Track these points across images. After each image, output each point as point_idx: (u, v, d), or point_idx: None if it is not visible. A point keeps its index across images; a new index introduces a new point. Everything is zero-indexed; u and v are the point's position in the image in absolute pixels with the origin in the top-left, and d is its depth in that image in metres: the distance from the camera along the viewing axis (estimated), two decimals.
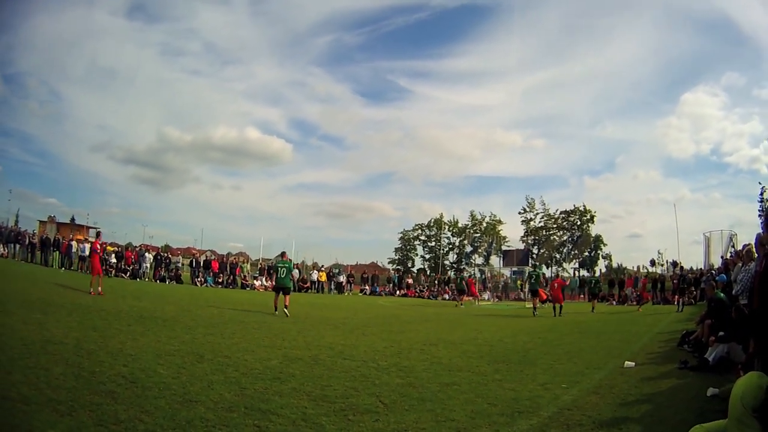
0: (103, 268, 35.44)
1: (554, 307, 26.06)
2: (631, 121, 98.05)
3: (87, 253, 35.57)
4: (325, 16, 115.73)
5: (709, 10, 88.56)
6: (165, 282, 36.81)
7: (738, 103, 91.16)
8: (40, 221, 52.58)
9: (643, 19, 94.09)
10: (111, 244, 43.84)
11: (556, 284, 27.89)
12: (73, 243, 36.89)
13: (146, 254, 39.13)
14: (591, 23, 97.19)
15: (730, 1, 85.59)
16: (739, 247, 24.83)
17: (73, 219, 60.12)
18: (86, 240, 39.46)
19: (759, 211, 38.20)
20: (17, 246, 37.75)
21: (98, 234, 20.65)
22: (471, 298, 38.24)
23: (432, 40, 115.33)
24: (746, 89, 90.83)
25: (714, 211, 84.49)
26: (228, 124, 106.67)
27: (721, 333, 10.50)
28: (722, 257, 32.67)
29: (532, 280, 28.33)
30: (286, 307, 18.75)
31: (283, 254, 21.57)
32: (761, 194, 38.48)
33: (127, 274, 36.13)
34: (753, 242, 9.78)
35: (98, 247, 21.78)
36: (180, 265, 41.93)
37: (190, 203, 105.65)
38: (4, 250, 36.91)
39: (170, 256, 42.88)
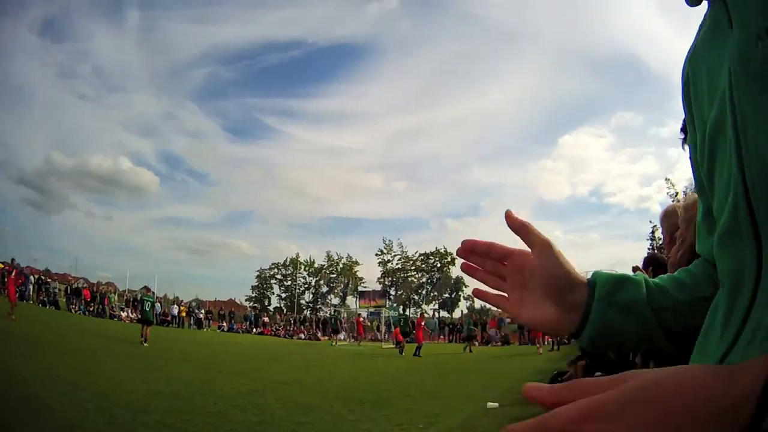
0: None
1: (417, 347, 26.44)
2: (502, 164, 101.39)
3: None
4: (204, 48, 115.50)
5: (613, 51, 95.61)
6: (45, 306, 36.58)
7: (629, 142, 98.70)
8: None
9: (529, 64, 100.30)
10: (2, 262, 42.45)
11: (419, 323, 29.04)
12: None
13: (30, 277, 38.19)
14: (469, 68, 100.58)
15: (639, 40, 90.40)
16: None
17: None
18: None
19: (648, 249, 38.44)
20: None
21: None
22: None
23: (303, 79, 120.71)
24: (642, 129, 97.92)
25: (592, 251, 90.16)
26: (104, 152, 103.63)
27: (598, 373, 11.14)
28: None
29: (401, 323, 29.01)
30: (145, 338, 20.63)
31: (147, 289, 22.85)
32: (651, 233, 39.20)
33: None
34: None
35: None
36: (58, 290, 41.16)
37: (67, 229, 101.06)
38: None
39: (49, 280, 41.97)
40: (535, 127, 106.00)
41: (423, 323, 31.34)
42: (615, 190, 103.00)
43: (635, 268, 8.29)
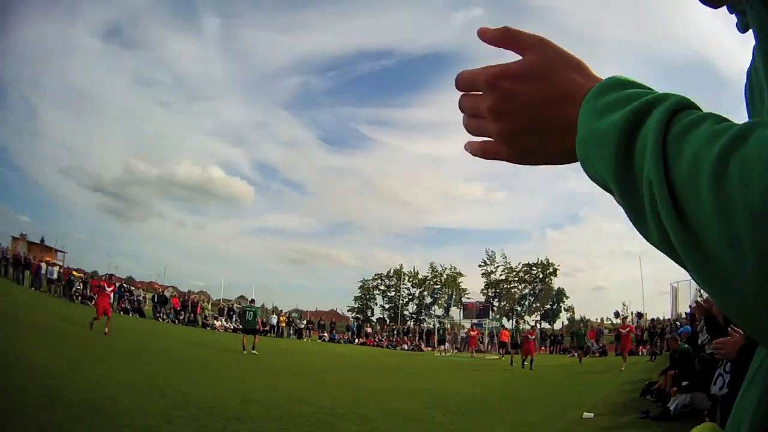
0: (70, 293, 35.16)
1: (528, 360, 25.91)
2: None
3: (55, 276, 35.22)
4: (293, 57, 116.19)
5: (685, 56, 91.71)
6: (128, 314, 36.33)
7: None
8: (13, 237, 51.17)
9: (609, 69, 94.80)
10: (77, 270, 43.23)
11: (530, 336, 28.02)
12: (42, 264, 36.27)
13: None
14: None
15: (712, 45, 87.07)
16: (705, 296, 25.28)
17: (42, 240, 58.76)
18: (54, 263, 39.01)
19: None
20: None
21: (111, 277, 19.47)
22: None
23: (396, 88, 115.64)
24: None
25: None
26: (193, 160, 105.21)
27: (684, 383, 10.53)
28: (690, 307, 32.79)
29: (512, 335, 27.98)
30: (253, 347, 21.34)
31: (251, 301, 25.37)
32: None
33: (92, 302, 35.46)
34: None
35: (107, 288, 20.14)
36: (142, 298, 41.22)
37: (153, 237, 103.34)
38: None
39: (132, 288, 42.33)
40: None
41: (534, 336, 30.10)
42: None
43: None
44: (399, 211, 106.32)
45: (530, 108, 0.71)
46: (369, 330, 53.46)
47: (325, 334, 47.03)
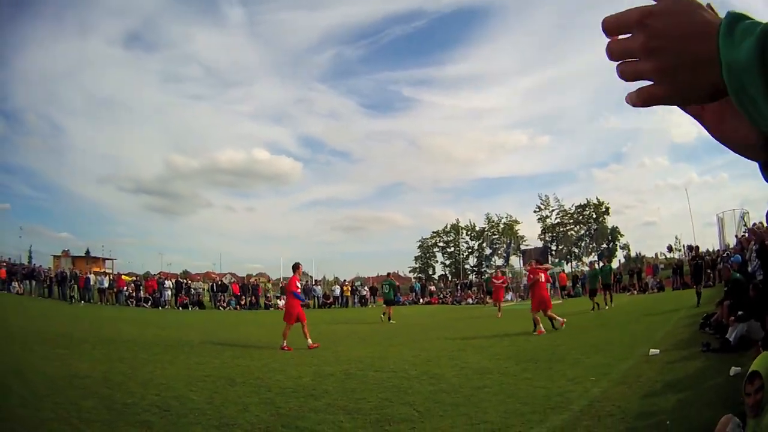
0: (124, 297, 35.67)
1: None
2: (633, 110, 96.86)
3: (106, 285, 35.67)
4: (322, 31, 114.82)
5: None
6: (188, 308, 37.08)
7: None
8: (54, 256, 52.62)
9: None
10: (128, 274, 43.93)
11: (495, 281, 28.18)
12: (91, 276, 37.05)
13: (166, 282, 39.22)
14: (584, 21, 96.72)
15: None
16: (751, 225, 24.59)
17: (87, 252, 59.88)
18: (103, 272, 39.50)
19: None
20: (33, 282, 37.75)
21: (296, 268, 14.88)
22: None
23: (431, 47, 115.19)
24: None
25: (724, 192, 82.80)
26: (234, 146, 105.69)
27: (740, 312, 10.62)
28: (736, 236, 32.30)
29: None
30: (389, 317, 24.61)
31: (388, 274, 29.44)
32: None
33: (149, 303, 36.36)
34: (764, 219, 9.79)
35: (297, 285, 15.30)
36: (201, 290, 41.67)
37: (204, 228, 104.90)
38: (20, 287, 36.56)
39: (190, 281, 42.72)
40: None
41: (502, 281, 29.35)
42: None
43: None
44: (447, 167, 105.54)
45: (680, 41, 0.73)
46: (432, 288, 53.62)
47: None
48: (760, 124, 0.68)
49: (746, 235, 22.04)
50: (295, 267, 14.79)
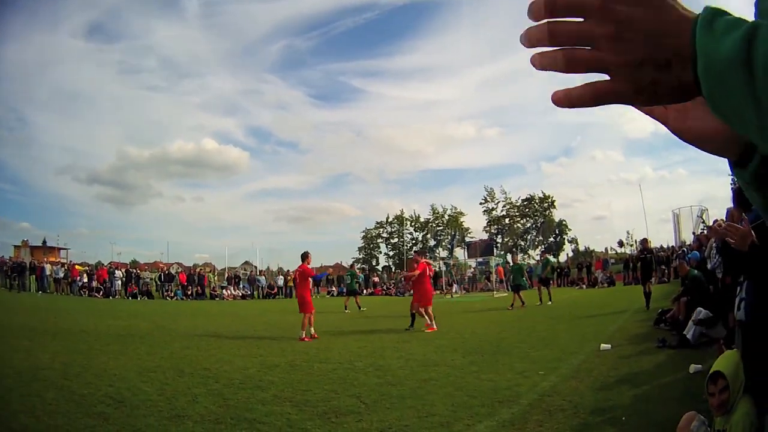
0: (77, 287, 35.34)
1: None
2: None
3: (61, 275, 35.41)
4: (275, 23, 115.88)
5: None
6: (137, 298, 36.83)
7: None
8: (15, 246, 52.19)
9: None
10: (81, 264, 43.44)
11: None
12: (47, 266, 36.59)
13: (116, 271, 38.98)
14: None
15: None
16: (710, 223, 25.39)
17: (44, 242, 58.92)
18: (58, 262, 39.14)
19: (731, 184, 37.15)
20: None
21: (305, 257, 15.47)
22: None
23: (382, 39, 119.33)
24: None
25: (680, 188, 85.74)
26: (185, 137, 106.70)
27: (699, 309, 10.51)
28: (693, 233, 32.88)
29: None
30: (358, 304, 26.92)
31: (351, 266, 33.22)
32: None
33: (100, 293, 36.09)
34: (724, 218, 9.91)
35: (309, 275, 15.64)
36: (149, 280, 41.22)
37: (154, 218, 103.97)
38: None
39: (139, 271, 42.17)
40: None
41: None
42: None
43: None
44: (395, 158, 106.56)
45: (653, 35, 0.66)
46: (376, 279, 54.11)
47: (334, 289, 47.14)
48: (733, 122, 0.65)
49: (705, 232, 22.58)
50: (305, 256, 15.19)
